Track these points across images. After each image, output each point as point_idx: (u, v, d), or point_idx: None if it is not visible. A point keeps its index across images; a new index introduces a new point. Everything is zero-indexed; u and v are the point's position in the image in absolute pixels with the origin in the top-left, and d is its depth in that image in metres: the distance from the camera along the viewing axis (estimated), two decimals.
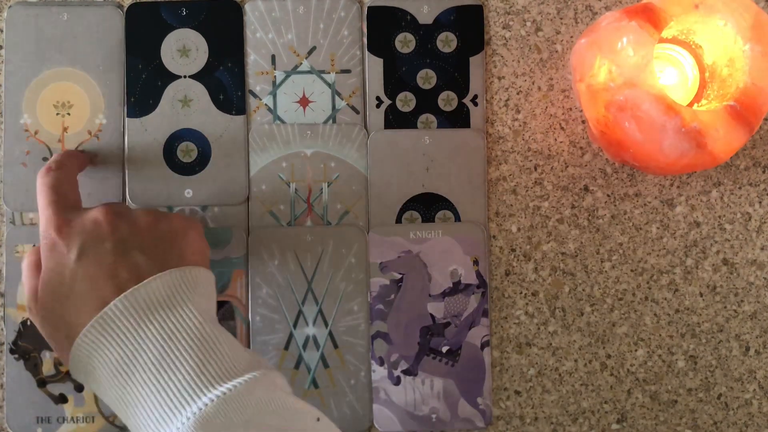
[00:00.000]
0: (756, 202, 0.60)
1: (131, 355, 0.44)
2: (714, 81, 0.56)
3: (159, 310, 0.45)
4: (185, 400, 0.43)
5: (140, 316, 0.45)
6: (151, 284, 0.46)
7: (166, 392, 0.43)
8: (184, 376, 0.43)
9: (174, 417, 0.42)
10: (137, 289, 0.45)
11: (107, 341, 0.44)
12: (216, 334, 0.46)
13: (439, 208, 0.60)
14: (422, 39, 0.60)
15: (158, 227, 0.50)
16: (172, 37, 0.60)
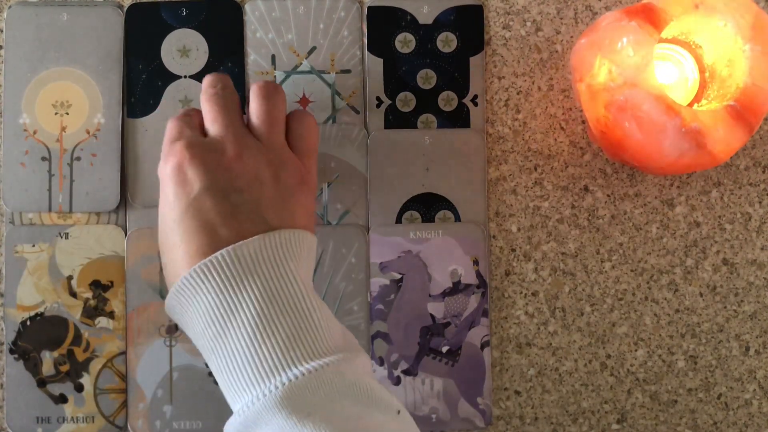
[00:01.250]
0: (756, 202, 0.60)
1: (229, 309, 0.44)
2: (714, 81, 0.56)
3: (264, 269, 0.44)
4: (275, 369, 0.42)
5: (245, 271, 0.44)
6: (261, 241, 0.45)
7: (259, 356, 0.43)
8: (279, 344, 0.43)
9: (262, 382, 0.42)
10: (247, 243, 0.45)
11: (208, 287, 0.44)
12: (315, 305, 0.45)
13: (439, 208, 0.60)
14: (422, 39, 0.60)
15: (280, 180, 0.48)
16: (173, 37, 0.60)
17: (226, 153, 0.47)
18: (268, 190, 0.47)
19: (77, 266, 0.59)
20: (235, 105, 0.50)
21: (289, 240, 0.46)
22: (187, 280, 0.44)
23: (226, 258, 0.44)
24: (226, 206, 0.46)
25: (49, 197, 0.59)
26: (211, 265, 0.44)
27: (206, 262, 0.44)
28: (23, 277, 0.59)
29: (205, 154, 0.47)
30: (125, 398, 0.59)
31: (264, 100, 0.50)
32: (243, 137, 0.48)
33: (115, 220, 0.59)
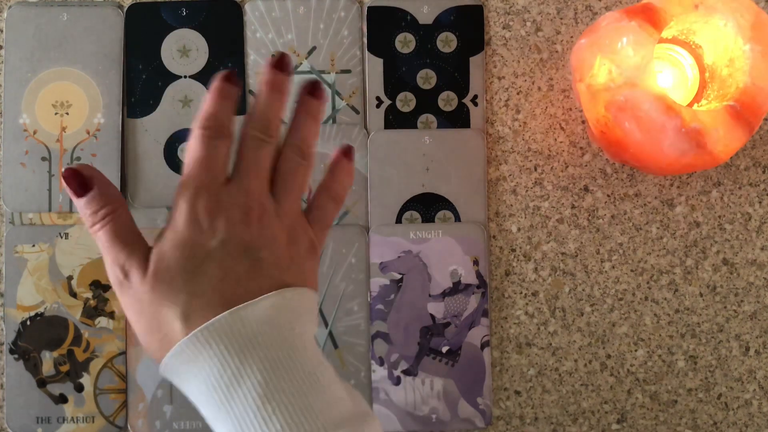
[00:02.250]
0: (756, 202, 0.60)
1: (234, 377, 0.41)
2: (714, 81, 0.56)
3: (269, 336, 0.42)
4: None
5: (251, 337, 0.42)
6: (271, 300, 0.43)
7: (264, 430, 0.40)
8: (286, 418, 0.41)
9: None
10: (253, 305, 0.42)
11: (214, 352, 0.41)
12: (323, 372, 0.43)
13: (439, 208, 0.60)
14: (422, 39, 0.60)
15: (293, 245, 0.46)
16: (173, 38, 0.60)
17: (250, 212, 0.45)
18: (281, 251, 0.45)
19: (77, 266, 0.59)
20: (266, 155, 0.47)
21: (292, 299, 0.44)
22: (191, 342, 0.41)
23: (230, 321, 0.41)
24: (243, 264, 0.43)
25: (49, 197, 0.59)
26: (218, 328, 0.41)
27: (212, 324, 0.41)
28: (23, 277, 0.59)
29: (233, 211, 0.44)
30: (125, 398, 0.59)
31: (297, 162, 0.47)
32: (266, 199, 0.46)
33: None
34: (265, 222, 0.45)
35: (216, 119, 0.46)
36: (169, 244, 0.43)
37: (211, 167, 0.45)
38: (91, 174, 0.44)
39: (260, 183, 0.46)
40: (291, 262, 0.45)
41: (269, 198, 0.46)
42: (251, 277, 0.43)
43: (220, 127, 0.46)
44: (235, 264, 0.43)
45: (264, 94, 0.47)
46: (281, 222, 0.46)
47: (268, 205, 0.45)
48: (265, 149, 0.46)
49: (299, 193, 0.47)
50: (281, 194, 0.46)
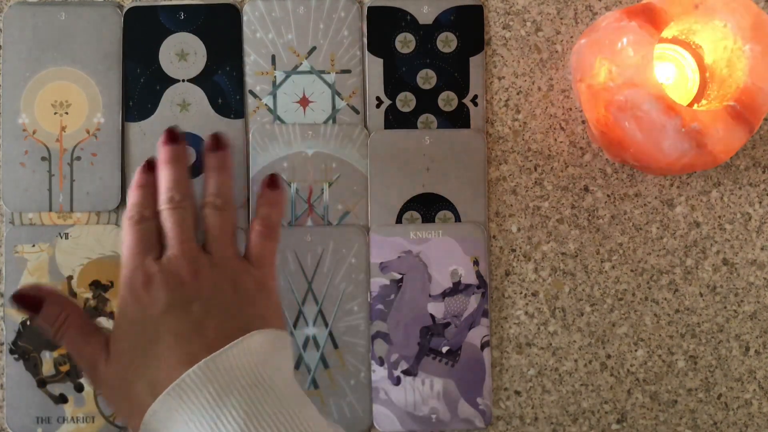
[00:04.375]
0: (756, 202, 0.61)
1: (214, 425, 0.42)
2: (714, 81, 0.56)
3: (241, 380, 0.43)
4: None
5: (225, 384, 0.43)
6: (239, 347, 0.44)
7: None
8: None
9: None
10: (225, 352, 0.44)
11: (189, 406, 0.42)
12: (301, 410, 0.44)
13: (439, 208, 0.60)
14: (422, 39, 0.60)
15: (237, 289, 0.48)
16: (171, 41, 0.60)
17: (182, 272, 0.48)
18: (228, 297, 0.48)
19: (77, 266, 0.59)
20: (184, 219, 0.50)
21: (259, 342, 0.45)
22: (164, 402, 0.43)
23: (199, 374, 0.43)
24: (192, 320, 0.46)
25: (49, 197, 0.59)
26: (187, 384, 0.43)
27: (180, 382, 0.43)
28: (23, 277, 0.59)
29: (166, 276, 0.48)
30: None
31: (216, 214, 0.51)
32: (197, 256, 0.49)
33: (115, 220, 0.59)
34: (201, 276, 0.48)
35: (136, 207, 0.50)
36: (120, 326, 0.47)
37: (140, 249, 0.49)
38: (36, 293, 0.49)
39: (187, 245, 0.49)
40: (242, 306, 0.47)
41: (201, 254, 0.49)
42: (200, 333, 0.45)
43: (142, 213, 0.50)
44: (184, 323, 0.46)
45: (164, 170, 0.52)
46: (220, 271, 0.49)
47: (201, 260, 0.49)
48: (181, 214, 0.50)
49: (229, 240, 0.51)
50: (211, 247, 0.50)
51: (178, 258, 0.48)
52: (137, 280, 0.48)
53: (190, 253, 0.49)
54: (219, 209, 0.51)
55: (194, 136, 0.60)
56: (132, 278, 0.48)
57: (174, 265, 0.48)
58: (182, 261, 0.48)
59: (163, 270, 0.48)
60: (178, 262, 0.48)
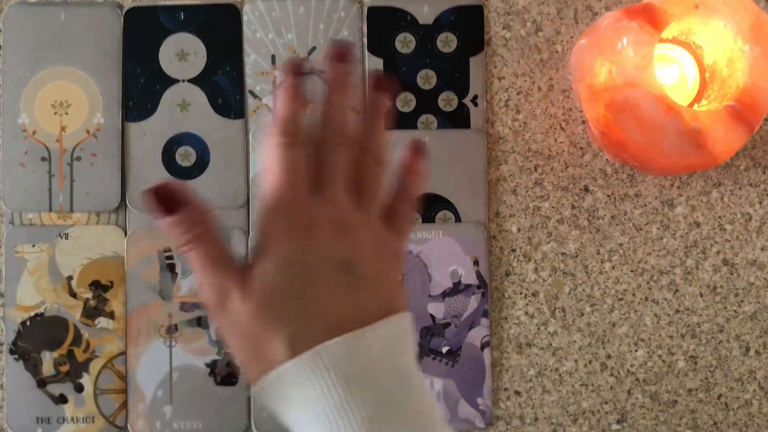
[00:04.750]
0: (756, 203, 0.60)
1: (342, 408, 0.38)
2: (714, 81, 0.56)
3: (380, 366, 0.40)
4: None
5: (362, 366, 0.39)
6: (386, 329, 0.40)
7: None
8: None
9: None
10: (373, 330, 0.40)
11: (322, 380, 0.39)
12: (427, 401, 0.41)
13: (439, 208, 0.60)
14: (422, 39, 0.60)
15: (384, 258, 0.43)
16: (171, 41, 0.60)
17: (346, 223, 0.42)
18: (377, 264, 0.42)
19: (77, 266, 0.59)
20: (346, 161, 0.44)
21: (399, 327, 0.41)
22: (299, 366, 0.39)
23: (341, 349, 0.39)
24: (344, 282, 0.41)
25: (49, 197, 0.59)
26: (328, 356, 0.39)
27: (322, 351, 0.39)
28: (23, 277, 0.59)
29: (333, 225, 0.42)
30: (125, 398, 0.59)
31: (378, 169, 0.44)
32: (353, 209, 0.43)
33: (115, 221, 0.59)
34: (355, 235, 0.42)
35: (293, 124, 0.43)
36: (270, 263, 0.41)
37: (297, 179, 0.42)
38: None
39: (345, 192, 0.43)
40: (384, 277, 0.43)
41: (355, 208, 0.43)
42: (351, 296, 0.41)
43: (299, 133, 0.43)
44: (336, 283, 0.41)
45: (332, 93, 0.44)
46: (369, 233, 0.43)
47: (355, 215, 0.43)
48: (345, 155, 0.43)
49: (380, 202, 0.45)
50: (365, 204, 0.44)
51: (339, 208, 0.42)
52: (294, 218, 0.41)
53: (349, 205, 0.43)
54: (379, 163, 0.44)
55: (194, 136, 0.60)
56: (288, 213, 0.41)
57: (333, 215, 0.42)
58: (342, 213, 0.42)
59: (323, 216, 0.42)
60: (337, 213, 0.42)
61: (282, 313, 0.40)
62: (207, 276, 0.41)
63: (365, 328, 0.39)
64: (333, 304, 0.40)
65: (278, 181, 0.42)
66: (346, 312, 0.40)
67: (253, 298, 0.40)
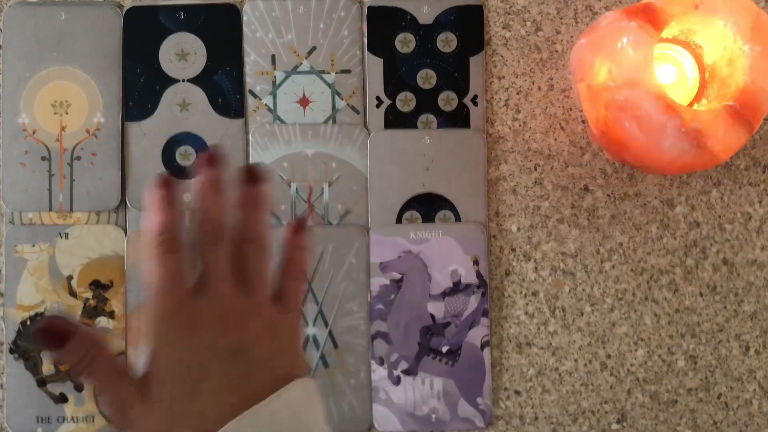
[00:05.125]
0: (756, 202, 0.61)
1: None
2: (714, 81, 0.56)
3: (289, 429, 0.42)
4: None
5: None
6: (284, 398, 0.42)
7: None
8: None
9: None
10: (270, 402, 0.41)
11: None
12: None
13: (439, 208, 0.60)
14: (422, 39, 0.60)
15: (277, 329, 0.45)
16: (171, 41, 0.60)
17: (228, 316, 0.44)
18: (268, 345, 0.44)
19: (77, 266, 0.59)
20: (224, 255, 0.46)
21: (299, 392, 0.43)
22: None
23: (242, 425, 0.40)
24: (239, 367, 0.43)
25: (50, 197, 0.59)
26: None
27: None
28: (23, 277, 0.59)
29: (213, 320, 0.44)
30: None
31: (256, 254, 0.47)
32: (238, 299, 0.45)
33: (115, 220, 0.59)
34: (244, 323, 0.44)
35: (168, 232, 0.45)
36: (162, 368, 0.43)
37: (178, 282, 0.44)
38: (64, 326, 0.43)
39: (228, 284, 0.45)
40: (279, 355, 0.45)
41: (240, 297, 0.45)
42: (250, 377, 0.43)
43: (175, 239, 0.45)
44: (230, 372, 0.43)
45: (201, 196, 0.46)
46: (259, 316, 0.45)
47: (242, 304, 0.45)
48: (220, 251, 0.45)
49: (266, 283, 0.47)
50: (251, 290, 0.45)
51: (223, 301, 0.45)
52: (179, 320, 0.44)
53: (232, 295, 0.45)
54: (259, 251, 0.47)
55: (194, 136, 0.60)
56: (173, 318, 0.44)
57: (218, 309, 0.44)
58: (226, 304, 0.45)
59: (208, 312, 0.44)
60: (222, 306, 0.45)
61: (180, 414, 0.42)
62: (108, 393, 0.43)
63: (257, 405, 0.41)
64: (229, 393, 0.42)
65: (160, 287, 0.44)
66: (243, 396, 0.42)
67: (153, 405, 0.42)
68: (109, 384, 0.43)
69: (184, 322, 0.44)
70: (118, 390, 0.43)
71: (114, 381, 0.43)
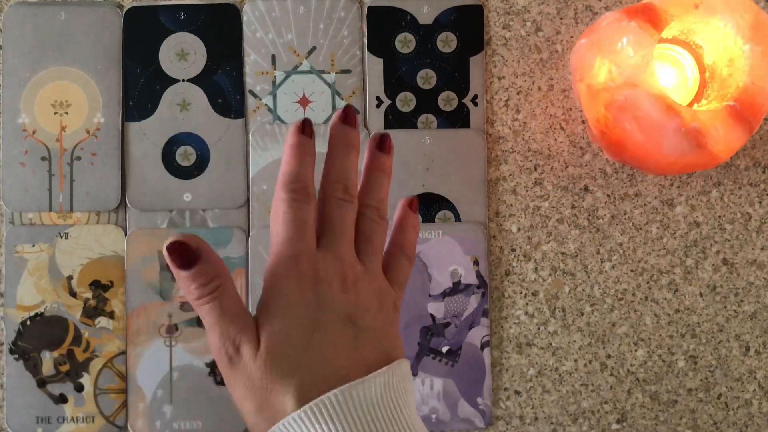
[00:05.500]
0: (756, 202, 0.61)
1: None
2: (714, 81, 0.56)
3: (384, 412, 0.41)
4: None
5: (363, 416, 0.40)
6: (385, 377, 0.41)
7: None
8: None
9: None
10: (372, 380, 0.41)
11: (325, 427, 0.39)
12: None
13: (439, 208, 0.60)
14: (422, 39, 0.60)
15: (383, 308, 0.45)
16: (171, 41, 0.60)
17: (349, 278, 0.44)
18: (377, 315, 0.44)
19: (77, 266, 0.59)
20: (350, 216, 0.46)
21: (398, 375, 0.43)
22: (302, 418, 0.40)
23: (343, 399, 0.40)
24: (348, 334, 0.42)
25: (49, 197, 0.59)
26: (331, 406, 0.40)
27: (324, 401, 0.40)
28: (23, 277, 0.59)
29: (338, 279, 0.43)
30: (125, 398, 0.59)
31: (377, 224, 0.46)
32: (357, 263, 0.45)
33: (115, 220, 0.59)
34: (360, 288, 0.44)
35: (301, 180, 0.44)
36: (278, 317, 0.42)
37: (305, 234, 0.43)
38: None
39: (350, 247, 0.45)
40: (384, 328, 0.44)
41: (358, 262, 0.45)
42: (356, 347, 0.42)
43: (306, 189, 0.44)
44: (341, 335, 0.42)
45: (337, 152, 0.46)
46: (372, 286, 0.45)
47: (359, 269, 0.45)
48: (349, 211, 0.45)
49: (381, 255, 0.46)
50: (367, 257, 0.45)
51: (344, 262, 0.44)
52: (304, 272, 0.43)
53: (353, 259, 0.45)
54: (380, 218, 0.46)
55: (194, 136, 0.60)
56: (297, 268, 0.43)
57: (339, 269, 0.44)
58: (346, 267, 0.44)
59: (329, 270, 0.43)
60: (343, 267, 0.44)
61: (289, 365, 0.41)
62: (221, 329, 0.42)
63: (365, 378, 0.41)
64: (337, 356, 0.42)
65: (286, 235, 0.43)
66: (350, 363, 0.42)
67: (263, 350, 0.41)
68: (227, 320, 0.42)
69: (307, 272, 0.43)
70: (234, 328, 0.42)
71: (231, 319, 0.42)
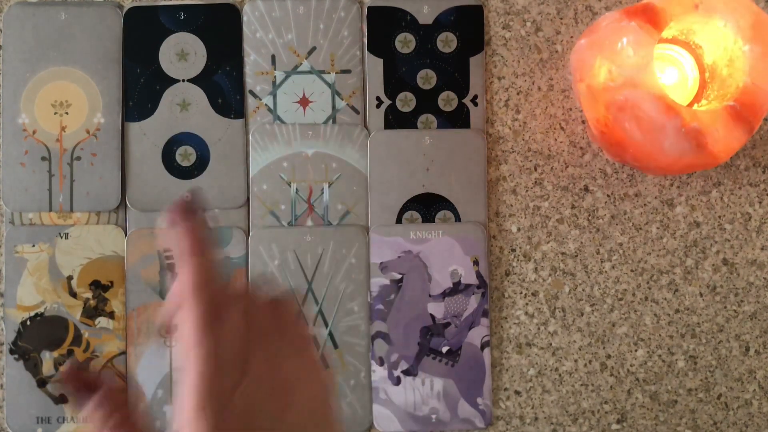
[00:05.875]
0: (756, 202, 0.61)
1: None
2: (714, 81, 0.56)
3: None
4: None
5: None
6: None
7: None
8: None
9: None
10: None
11: None
12: None
13: (439, 208, 0.60)
14: (422, 39, 0.60)
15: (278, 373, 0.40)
16: (171, 41, 0.60)
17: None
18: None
19: (77, 266, 0.59)
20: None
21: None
22: None
23: None
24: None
25: (50, 197, 0.59)
26: None
27: None
28: (23, 277, 0.59)
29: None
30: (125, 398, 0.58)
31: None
32: None
33: (115, 220, 0.59)
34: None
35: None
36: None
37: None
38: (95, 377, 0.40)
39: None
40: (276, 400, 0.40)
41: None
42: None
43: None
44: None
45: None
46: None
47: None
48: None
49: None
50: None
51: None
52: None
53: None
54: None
55: (194, 136, 0.60)
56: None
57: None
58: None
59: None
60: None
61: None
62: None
63: None
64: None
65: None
66: None
67: None
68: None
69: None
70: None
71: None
